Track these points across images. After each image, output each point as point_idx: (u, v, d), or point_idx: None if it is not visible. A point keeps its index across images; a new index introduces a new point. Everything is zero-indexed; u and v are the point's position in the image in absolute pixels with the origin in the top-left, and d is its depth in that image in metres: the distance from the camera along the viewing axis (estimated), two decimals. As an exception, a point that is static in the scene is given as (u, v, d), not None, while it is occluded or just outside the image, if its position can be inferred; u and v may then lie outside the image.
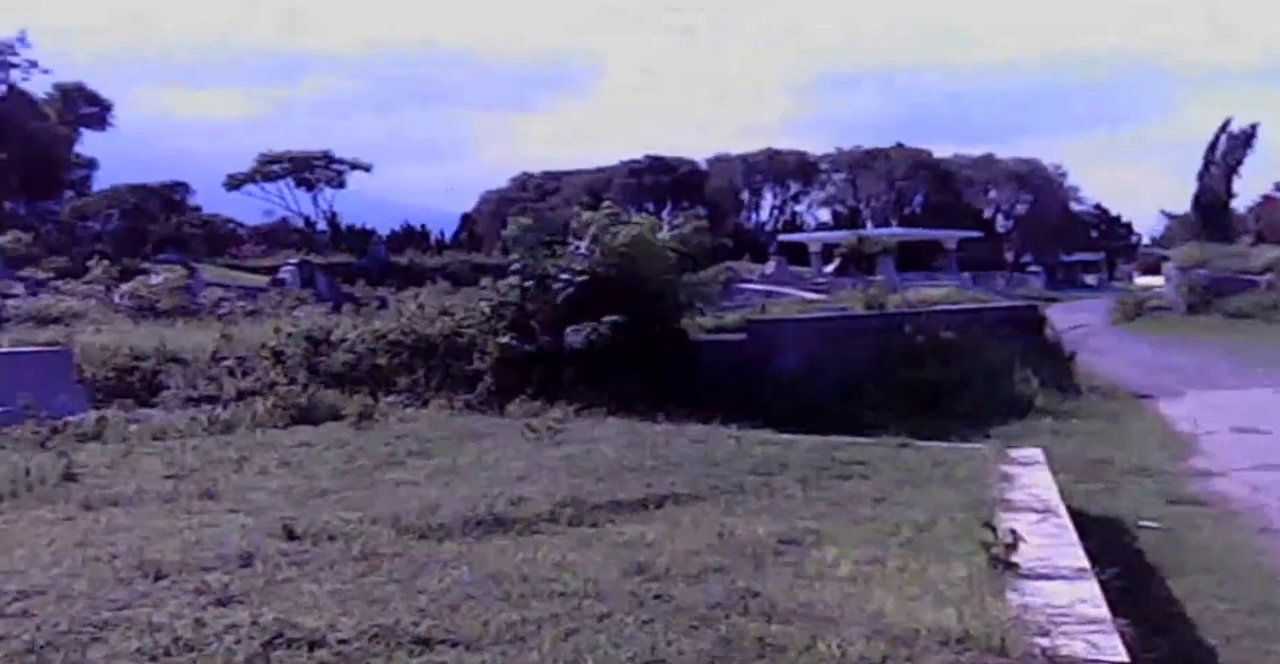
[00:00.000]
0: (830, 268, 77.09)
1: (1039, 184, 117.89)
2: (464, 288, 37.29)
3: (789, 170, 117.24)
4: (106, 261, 50.25)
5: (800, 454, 15.15)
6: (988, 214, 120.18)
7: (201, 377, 24.59)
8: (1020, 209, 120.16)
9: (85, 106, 76.15)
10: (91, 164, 78.03)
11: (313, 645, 6.22)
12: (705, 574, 8.40)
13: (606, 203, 27.47)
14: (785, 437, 17.18)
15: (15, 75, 73.62)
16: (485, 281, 28.09)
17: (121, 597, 7.21)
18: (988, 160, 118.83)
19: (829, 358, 25.83)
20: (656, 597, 7.52)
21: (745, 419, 19.31)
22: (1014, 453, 15.21)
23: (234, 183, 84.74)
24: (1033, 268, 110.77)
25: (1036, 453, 15.32)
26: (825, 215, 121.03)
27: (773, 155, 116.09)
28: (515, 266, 25.98)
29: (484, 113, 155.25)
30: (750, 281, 64.16)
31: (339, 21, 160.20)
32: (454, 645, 6.43)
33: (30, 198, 73.98)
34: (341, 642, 6.29)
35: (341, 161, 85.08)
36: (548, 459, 14.86)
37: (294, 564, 8.29)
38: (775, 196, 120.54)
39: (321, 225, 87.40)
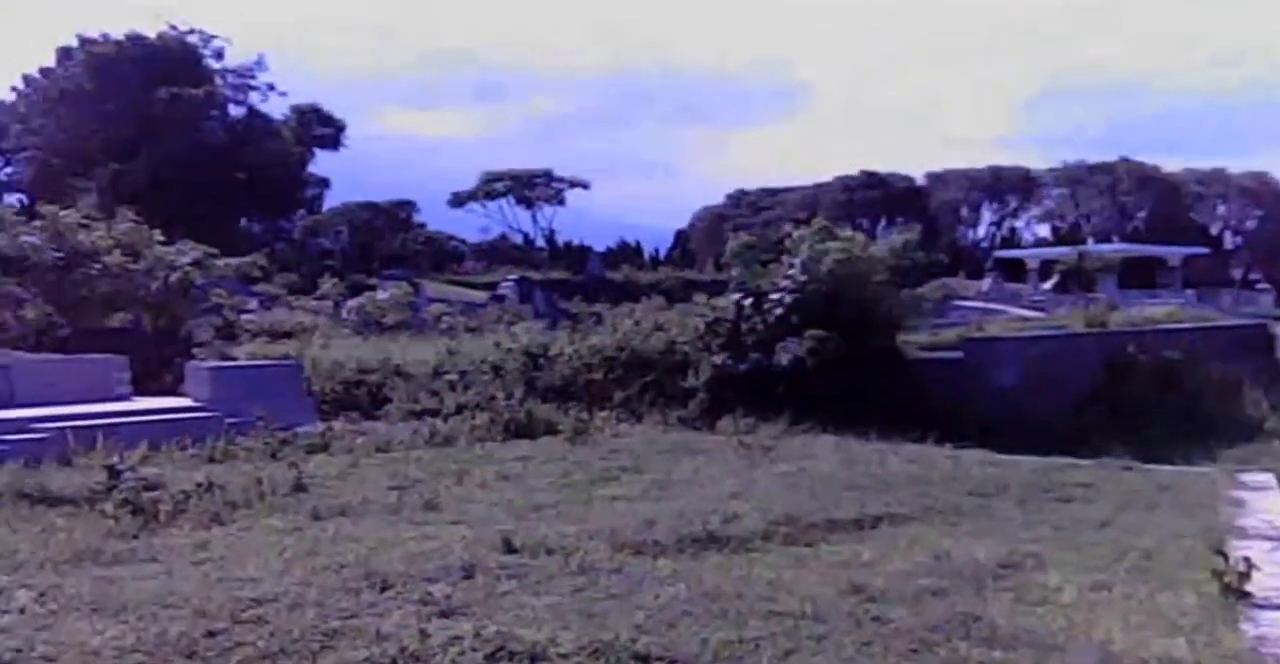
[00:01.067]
0: (1048, 285, 75.30)
1: (1271, 199, 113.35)
2: (678, 304, 37.46)
3: (1009, 186, 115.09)
4: (336, 278, 51.93)
5: (1019, 475, 14.86)
6: (1215, 230, 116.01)
7: (424, 390, 25.18)
8: (1250, 225, 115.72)
9: (320, 127, 78.79)
10: (323, 183, 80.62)
11: (534, 659, 6.32)
12: (923, 596, 8.30)
13: (818, 219, 27.33)
14: (1003, 457, 16.87)
15: (254, 98, 76.88)
16: (699, 298, 28.15)
17: (349, 606, 7.43)
18: (1218, 175, 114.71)
19: (1048, 377, 25.23)
20: (874, 618, 7.46)
21: (960, 438, 19.01)
22: (1244, 477, 14.67)
23: (458, 201, 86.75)
24: (1262, 285, 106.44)
25: (1268, 478, 14.73)
26: (1044, 231, 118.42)
27: (995, 171, 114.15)
28: (732, 283, 26.06)
29: (700, 129, 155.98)
30: (966, 298, 63.09)
31: (562, 43, 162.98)
32: (672, 663, 6.47)
33: (265, 216, 76.88)
34: (562, 656, 6.37)
35: (561, 179, 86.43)
36: (761, 476, 14.85)
37: (513, 577, 8.45)
38: (994, 212, 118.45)
39: (540, 242, 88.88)
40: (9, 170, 75.55)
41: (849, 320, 23.83)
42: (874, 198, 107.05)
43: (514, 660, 6.29)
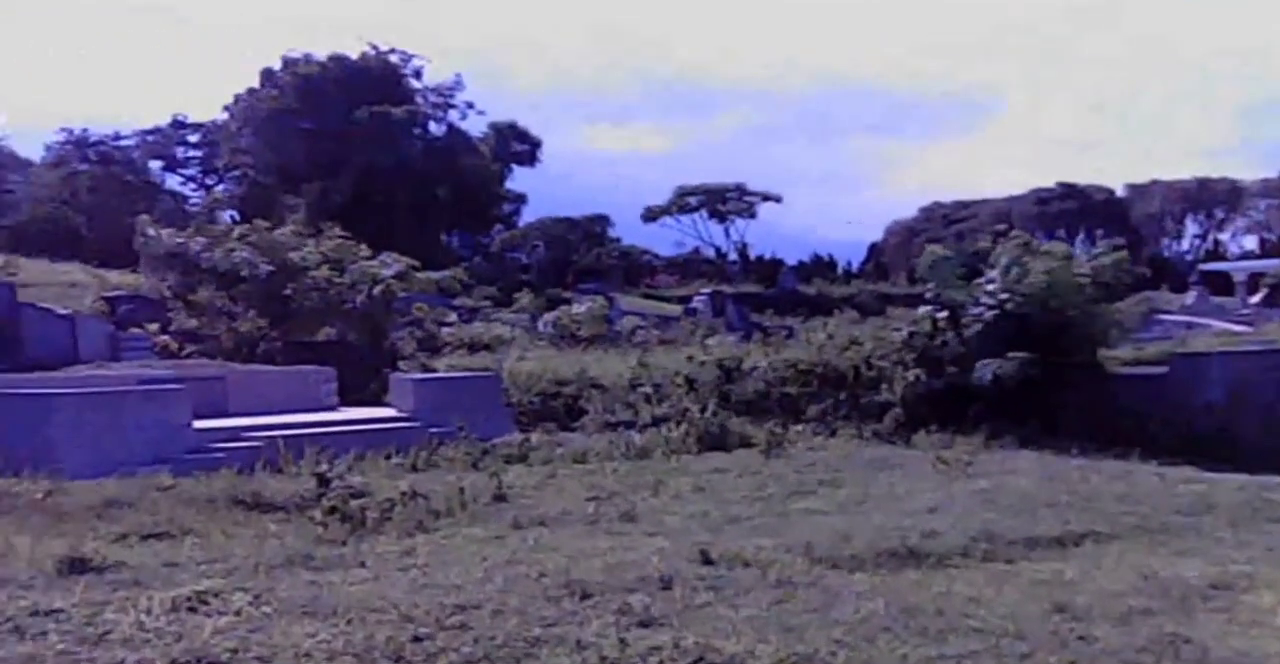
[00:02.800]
0: (1256, 298, 72.68)
1: None
2: (871, 318, 37.20)
3: (1215, 197, 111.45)
4: (532, 292, 52.69)
5: (1229, 494, 14.39)
6: None
7: (619, 402, 25.41)
8: None
9: (517, 144, 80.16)
10: (520, 199, 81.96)
11: (733, 671, 6.34)
12: (1130, 616, 8.11)
13: (1017, 233, 26.85)
14: (1211, 475, 16.37)
15: (453, 116, 78.56)
16: (893, 312, 27.92)
17: (550, 614, 7.54)
18: None
19: (1257, 393, 24.33)
20: (1080, 638, 7.31)
21: (1164, 455, 18.52)
22: None
23: (651, 215, 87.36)
24: None
25: None
26: (1251, 243, 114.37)
27: (1201, 182, 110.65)
28: (928, 297, 25.80)
29: (892, 142, 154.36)
30: (1169, 312, 61.22)
31: (753, 57, 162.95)
32: (871, 678, 6.45)
33: (464, 231, 78.44)
34: (761, 669, 6.38)
35: (753, 193, 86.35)
36: (959, 492, 14.65)
37: (711, 589, 8.49)
38: (1198, 224, 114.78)
39: (732, 256, 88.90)
40: (221, 188, 78.41)
41: (1049, 336, 23.39)
42: (1070, 209, 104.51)
43: (713, 672, 6.33)
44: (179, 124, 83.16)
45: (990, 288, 24.36)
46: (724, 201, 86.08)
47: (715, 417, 22.13)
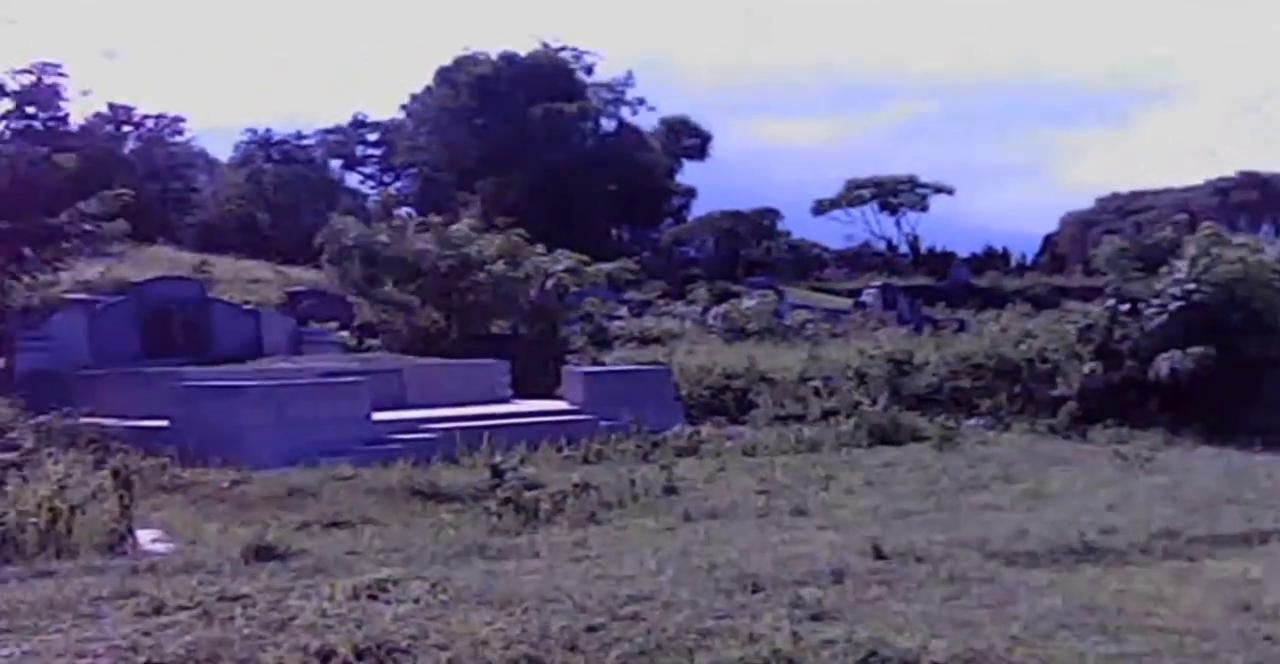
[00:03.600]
0: None
1: None
2: (1045, 310, 36.49)
3: None
4: (702, 285, 52.78)
5: None
6: None
7: (788, 396, 25.33)
8: None
9: (687, 138, 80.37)
10: (690, 193, 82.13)
11: (906, 666, 6.29)
12: (1321, 618, 7.84)
13: (1208, 223, 26.11)
14: None
15: (624, 112, 79.05)
16: (1068, 304, 27.38)
17: (722, 606, 7.56)
18: None
19: None
20: (1266, 638, 7.10)
21: (1360, 453, 17.88)
22: None
23: (821, 208, 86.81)
24: None
25: None
26: None
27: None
28: (1107, 289, 25.25)
29: (1066, 132, 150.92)
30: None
31: (925, 49, 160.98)
32: (1049, 675, 6.35)
33: (633, 225, 78.90)
34: (935, 664, 6.32)
35: (925, 185, 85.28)
36: (1139, 488, 14.33)
37: (883, 583, 8.44)
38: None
39: (903, 248, 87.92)
40: (399, 185, 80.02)
41: (1234, 329, 22.70)
42: (1252, 199, 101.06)
43: (886, 666, 6.29)
44: (359, 123, 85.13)
45: (1177, 277, 23.73)
46: (895, 194, 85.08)
47: (886, 410, 21.96)
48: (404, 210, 40.82)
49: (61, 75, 30.42)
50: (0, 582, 8.70)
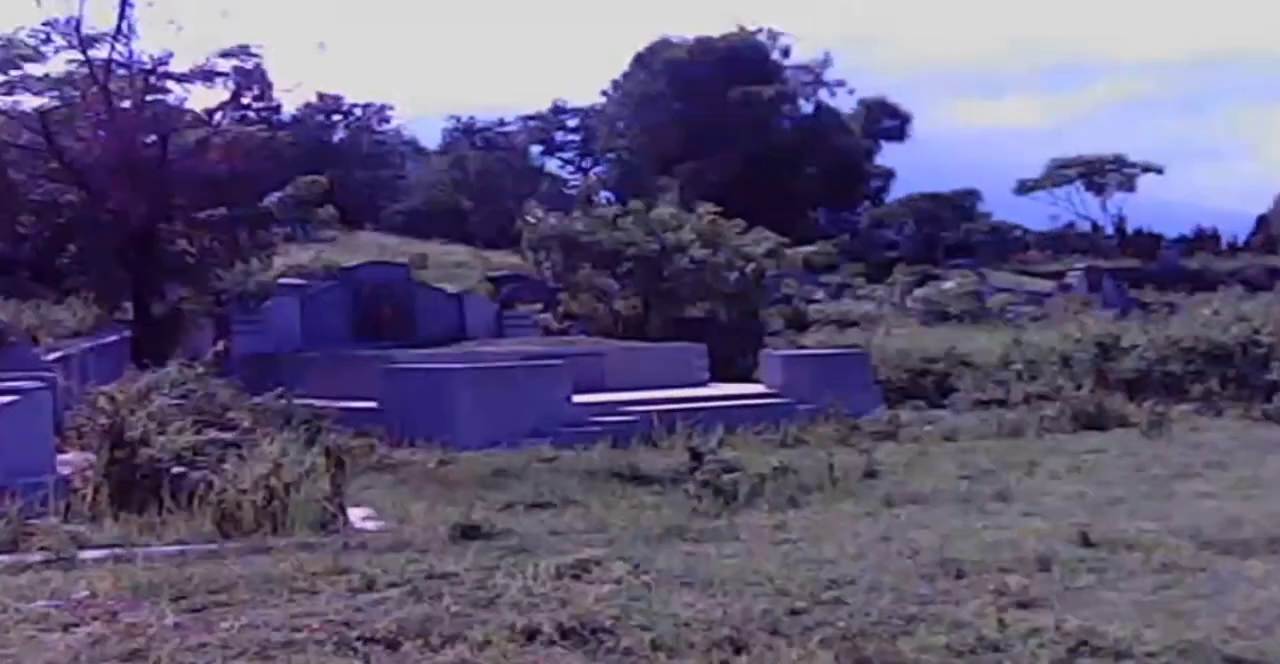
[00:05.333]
0: None
1: None
2: (1260, 292, 35.24)
3: None
4: (901, 268, 52.19)
5: None
6: None
7: (990, 380, 24.94)
8: None
9: (886, 120, 79.40)
10: (889, 174, 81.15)
11: (1118, 656, 6.12)
12: None
13: None
14: None
15: (822, 94, 78.45)
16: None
17: (925, 592, 7.49)
18: None
19: None
20: None
21: None
22: None
23: (1024, 189, 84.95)
24: None
25: None
26: None
27: None
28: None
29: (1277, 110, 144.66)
30: None
31: (1128, 29, 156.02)
32: (1269, 669, 6.14)
33: (831, 208, 78.28)
34: (1148, 655, 6.14)
35: (1133, 165, 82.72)
36: (1364, 477, 13.76)
37: (1092, 571, 8.26)
38: None
39: (1108, 229, 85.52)
40: (598, 170, 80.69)
41: None
42: None
43: (1097, 656, 6.13)
44: (559, 109, 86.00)
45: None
46: (1102, 173, 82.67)
47: (1092, 395, 21.46)
48: (604, 195, 41.20)
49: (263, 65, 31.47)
50: (220, 557, 9.03)
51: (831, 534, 10.04)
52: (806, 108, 77.80)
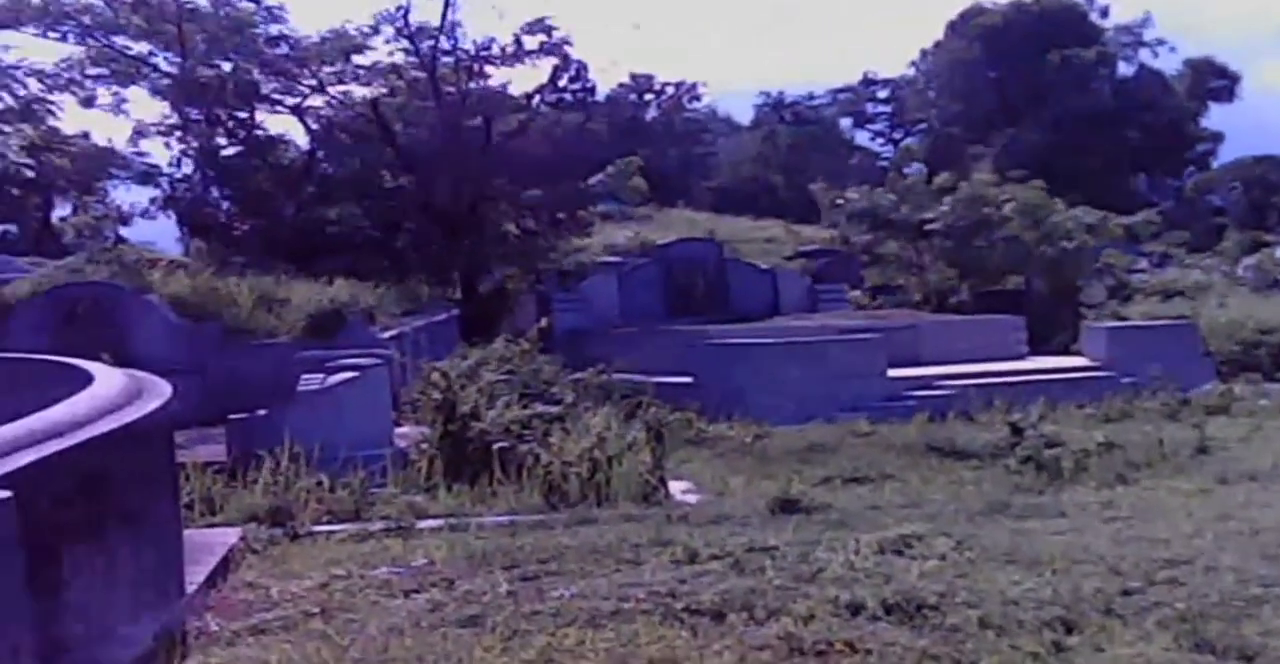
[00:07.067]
0: None
1: None
2: None
3: None
4: (1231, 235, 49.80)
5: None
6: None
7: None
8: None
9: (1214, 80, 75.71)
10: (1216, 138, 77.40)
11: None
12: None
13: None
14: None
15: (1144, 55, 75.34)
16: None
17: (1269, 573, 7.12)
18: None
19: None
20: None
21: None
22: None
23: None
24: None
25: None
26: None
27: None
28: None
29: None
30: None
31: None
32: None
33: (1153, 174, 75.19)
34: None
35: None
36: None
37: None
38: None
39: None
40: (909, 140, 79.63)
41: None
42: None
43: None
44: (869, 81, 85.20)
45: None
46: None
47: None
48: (915, 166, 40.61)
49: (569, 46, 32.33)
50: (548, 527, 9.33)
51: (1163, 512, 9.69)
52: (1127, 70, 74.92)
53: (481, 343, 18.26)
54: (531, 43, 32.32)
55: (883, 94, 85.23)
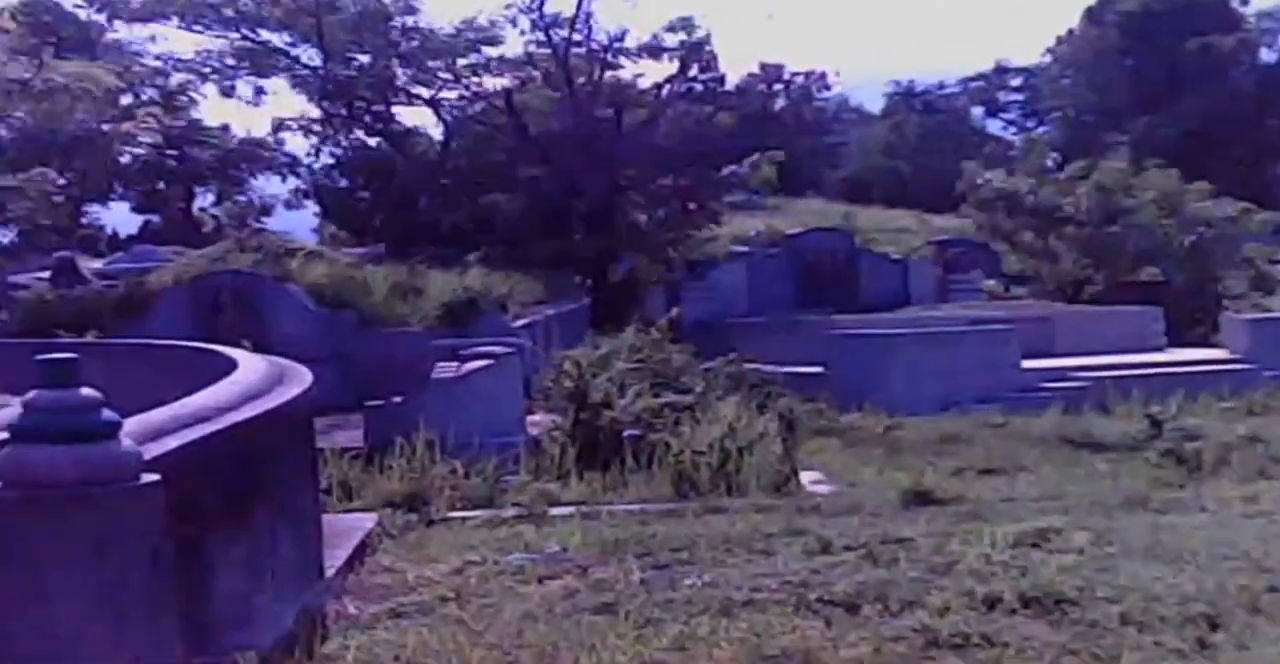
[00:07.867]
0: None
1: None
2: None
3: None
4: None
5: None
6: None
7: None
8: None
9: None
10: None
11: None
12: None
13: None
14: None
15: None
16: None
17: None
18: None
19: None
20: None
21: None
22: None
23: None
24: None
25: None
26: None
27: None
28: None
29: None
30: None
31: None
32: None
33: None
34: None
35: None
36: None
37: None
38: None
39: None
40: (1042, 129, 78.43)
41: None
42: None
43: None
44: (1001, 70, 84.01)
45: None
46: None
47: None
48: (1049, 155, 39.99)
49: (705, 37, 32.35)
50: (679, 516, 9.35)
51: (1310, 508, 9.43)
52: (1269, 57, 73.03)
53: (612, 332, 18.33)
54: (671, 40, 32.43)
55: (1016, 82, 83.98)
